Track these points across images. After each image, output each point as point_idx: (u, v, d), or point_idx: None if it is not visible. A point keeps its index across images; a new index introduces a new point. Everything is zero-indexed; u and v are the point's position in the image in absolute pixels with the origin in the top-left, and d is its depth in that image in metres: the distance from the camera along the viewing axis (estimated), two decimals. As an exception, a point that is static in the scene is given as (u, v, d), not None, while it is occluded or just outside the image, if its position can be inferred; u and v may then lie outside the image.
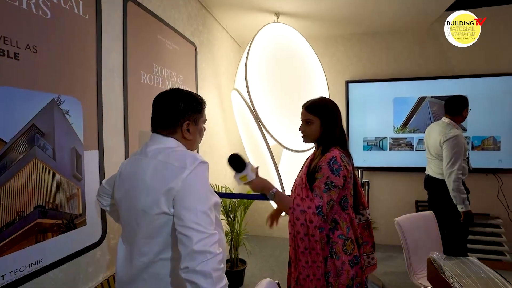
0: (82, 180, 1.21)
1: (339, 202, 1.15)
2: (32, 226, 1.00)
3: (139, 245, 0.84)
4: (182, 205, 0.77)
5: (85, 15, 1.23)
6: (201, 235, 0.74)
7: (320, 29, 3.10)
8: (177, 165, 0.81)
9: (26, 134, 0.98)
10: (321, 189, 1.08)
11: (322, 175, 1.10)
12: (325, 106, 1.21)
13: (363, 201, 1.29)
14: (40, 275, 1.03)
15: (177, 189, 0.78)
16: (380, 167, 3.17)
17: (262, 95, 2.44)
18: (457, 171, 2.01)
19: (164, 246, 0.82)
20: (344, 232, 1.12)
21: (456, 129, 2.10)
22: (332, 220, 1.13)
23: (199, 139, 1.00)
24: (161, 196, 0.79)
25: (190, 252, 0.72)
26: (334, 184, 1.08)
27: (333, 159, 1.11)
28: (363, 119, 3.19)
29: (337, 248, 1.10)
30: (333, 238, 1.11)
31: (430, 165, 2.33)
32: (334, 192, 1.08)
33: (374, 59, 3.22)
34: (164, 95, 0.93)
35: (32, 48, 1.00)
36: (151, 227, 0.81)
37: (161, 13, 1.80)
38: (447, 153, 2.06)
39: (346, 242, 1.11)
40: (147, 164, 0.85)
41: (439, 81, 3.00)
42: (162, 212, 0.79)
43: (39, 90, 1.03)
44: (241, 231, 2.55)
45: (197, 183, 0.80)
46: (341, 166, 1.10)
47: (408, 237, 1.81)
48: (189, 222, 0.75)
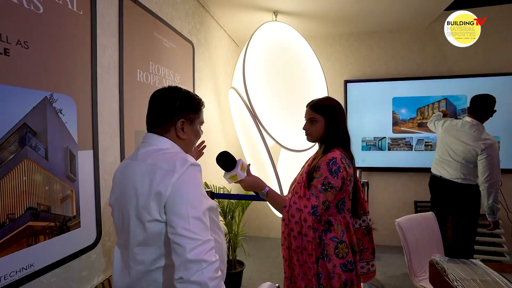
0: (76, 181, 1.18)
1: (335, 204, 1.13)
2: (23, 229, 0.96)
3: (134, 254, 0.81)
4: (173, 211, 0.73)
5: (79, 10, 1.19)
6: (194, 243, 0.70)
7: (318, 28, 3.08)
8: (166, 168, 0.77)
9: (17, 133, 0.95)
10: (317, 189, 1.07)
11: (320, 174, 1.09)
12: (330, 105, 1.19)
13: (364, 207, 1.26)
14: (31, 280, 0.99)
15: (167, 195, 0.74)
16: (379, 167, 3.15)
17: (260, 94, 2.41)
18: (499, 182, 1.94)
19: (160, 254, 0.79)
20: (338, 235, 1.10)
21: (489, 135, 1.99)
22: (326, 221, 1.12)
23: (195, 140, 0.97)
24: (150, 201, 0.75)
25: (184, 262, 0.68)
26: (331, 185, 1.07)
27: (332, 160, 1.10)
28: (362, 119, 3.18)
29: (329, 250, 1.09)
30: (325, 240, 1.10)
31: (447, 168, 2.17)
32: (331, 193, 1.07)
33: (372, 58, 3.20)
34: (161, 91, 0.90)
35: (23, 44, 0.96)
36: (145, 235, 0.78)
37: (157, 10, 1.77)
38: (488, 163, 1.92)
39: (339, 245, 1.10)
40: (136, 168, 0.81)
41: (438, 81, 2.99)
42: (154, 220, 0.75)
43: (31, 88, 0.99)
44: (239, 232, 2.52)
45: (188, 187, 0.76)
46: (340, 168, 1.08)
47: (409, 239, 1.79)
48: (181, 229, 0.71)
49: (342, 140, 1.18)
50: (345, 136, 1.20)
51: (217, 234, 0.93)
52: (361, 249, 1.24)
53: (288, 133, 2.50)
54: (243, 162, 1.14)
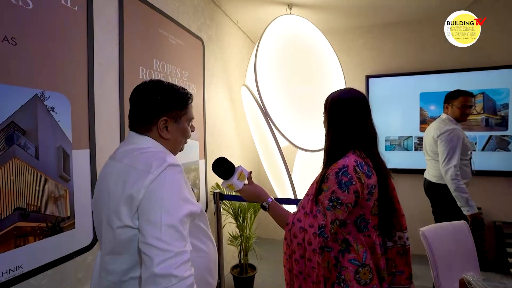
0: (71, 181, 1.15)
1: (353, 222, 0.92)
2: (10, 230, 0.94)
3: (104, 263, 0.74)
4: (145, 217, 0.65)
5: (74, 6, 1.16)
6: (164, 255, 0.61)
7: (337, 20, 2.90)
8: (141, 169, 0.69)
9: (4, 132, 0.92)
10: (324, 206, 0.89)
11: (327, 187, 0.89)
12: (331, 99, 1.00)
13: (401, 222, 0.98)
14: (19, 281, 0.96)
15: (139, 198, 0.66)
16: (404, 169, 2.90)
17: (273, 92, 2.29)
18: (453, 168, 1.83)
19: (133, 264, 0.71)
20: (360, 257, 0.89)
21: (453, 124, 1.97)
22: (343, 240, 0.91)
23: (183, 140, 0.87)
24: (121, 205, 0.68)
25: (151, 276, 0.60)
26: (341, 202, 0.87)
27: (343, 169, 0.88)
28: (385, 117, 2.95)
29: (347, 275, 0.88)
30: (342, 262, 0.90)
31: (428, 168, 2.15)
32: (341, 211, 0.87)
33: (397, 51, 2.96)
34: (140, 86, 0.82)
35: (10, 40, 0.94)
36: (116, 242, 0.70)
37: (162, 6, 1.72)
38: (442, 148, 1.90)
39: (361, 269, 0.88)
40: (112, 169, 0.75)
41: (473, 73, 2.68)
42: (124, 226, 0.68)
43: (19, 85, 0.97)
44: (251, 235, 2.43)
45: (163, 191, 0.67)
46: (352, 179, 0.86)
47: (435, 251, 1.58)
48: (151, 238, 0.62)
49: (359, 141, 0.94)
50: (365, 136, 0.95)
51: (203, 243, 0.84)
52: (393, 272, 0.97)
53: (304, 132, 2.37)
54: (242, 169, 1.04)
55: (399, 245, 0.98)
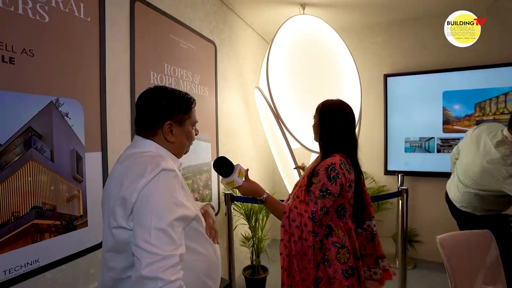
0: (83, 182, 1.22)
1: (335, 210, 1.14)
2: (28, 227, 1.02)
3: (105, 259, 0.78)
4: (137, 220, 0.68)
5: (87, 17, 1.23)
6: (151, 258, 0.63)
7: (352, 18, 2.82)
8: (136, 172, 0.72)
9: (22, 136, 1.00)
10: (315, 195, 1.08)
11: (318, 180, 1.09)
12: (323, 107, 1.21)
13: (370, 211, 1.23)
14: (36, 275, 1.04)
15: (132, 201, 0.69)
16: (426, 172, 2.76)
17: (286, 94, 2.28)
18: None
19: (131, 263, 0.74)
20: (340, 240, 1.10)
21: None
22: (327, 226, 1.13)
23: (187, 142, 0.91)
24: (116, 207, 0.71)
25: (139, 278, 0.63)
26: (330, 192, 1.07)
27: (331, 165, 1.09)
28: (405, 117, 2.82)
29: (330, 255, 1.09)
30: (326, 244, 1.10)
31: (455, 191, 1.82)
32: (329, 199, 1.07)
33: (417, 48, 2.82)
34: (145, 93, 0.86)
35: (28, 52, 1.02)
36: (114, 241, 0.74)
37: (173, 12, 1.77)
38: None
39: (341, 250, 1.09)
40: (115, 171, 0.79)
41: (504, 69, 2.48)
42: (119, 226, 0.71)
43: (36, 93, 1.05)
44: (263, 237, 2.43)
45: (155, 194, 0.69)
46: (338, 174, 1.07)
47: (453, 260, 1.48)
48: (141, 241, 0.65)
49: (344, 146, 1.15)
50: (348, 143, 1.16)
51: (202, 246, 0.86)
52: (362, 254, 1.21)
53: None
54: (241, 167, 1.10)
55: (368, 232, 1.22)
